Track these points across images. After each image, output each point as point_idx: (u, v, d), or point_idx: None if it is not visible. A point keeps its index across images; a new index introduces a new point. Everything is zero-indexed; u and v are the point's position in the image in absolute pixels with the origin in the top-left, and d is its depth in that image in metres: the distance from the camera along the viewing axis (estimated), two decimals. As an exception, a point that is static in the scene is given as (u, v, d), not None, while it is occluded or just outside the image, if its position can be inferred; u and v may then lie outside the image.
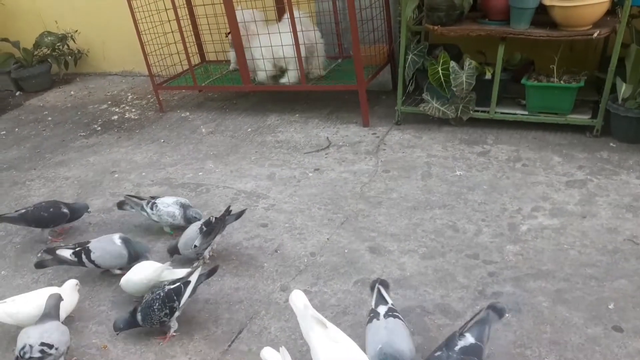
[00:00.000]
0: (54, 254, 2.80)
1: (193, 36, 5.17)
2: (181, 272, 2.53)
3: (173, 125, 4.93)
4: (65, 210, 3.20)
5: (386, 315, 2.04)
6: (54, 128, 5.22)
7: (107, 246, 2.81)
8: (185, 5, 4.98)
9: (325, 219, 3.20)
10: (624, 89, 3.47)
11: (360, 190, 3.46)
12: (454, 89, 3.83)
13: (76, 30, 6.37)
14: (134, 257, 2.80)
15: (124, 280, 2.61)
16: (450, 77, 3.80)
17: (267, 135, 4.45)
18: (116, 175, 4.05)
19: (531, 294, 2.44)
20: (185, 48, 4.76)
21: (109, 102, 5.75)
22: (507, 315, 2.22)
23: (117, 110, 5.50)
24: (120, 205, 3.29)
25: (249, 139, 4.42)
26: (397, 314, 2.07)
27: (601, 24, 3.50)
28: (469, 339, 1.90)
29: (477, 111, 3.98)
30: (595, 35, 3.43)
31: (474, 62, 3.82)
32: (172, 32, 4.80)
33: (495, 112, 3.92)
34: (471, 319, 2.04)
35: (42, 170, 4.30)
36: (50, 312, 2.31)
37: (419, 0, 3.95)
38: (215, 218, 2.84)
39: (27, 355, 2.15)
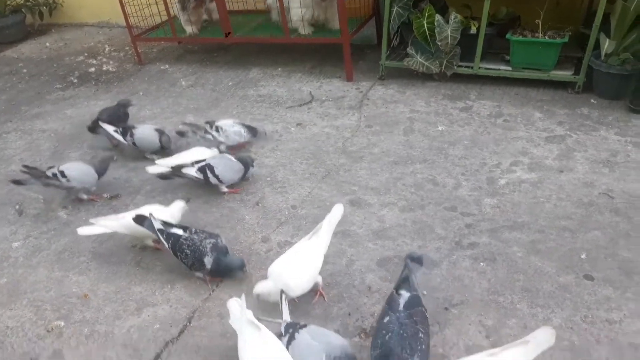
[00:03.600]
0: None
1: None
2: None
3: (152, 78, 4.81)
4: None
5: (292, 335, 1.88)
6: (29, 80, 5.06)
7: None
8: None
9: (307, 173, 3.20)
10: (607, 45, 3.46)
11: (342, 145, 3.45)
12: (439, 43, 3.78)
13: (50, -22, 6.11)
14: None
15: None
16: (435, 31, 3.75)
17: (249, 89, 4.38)
18: (94, 128, 3.97)
19: (506, 245, 2.50)
20: (164, -3, 4.60)
21: (86, 54, 5.57)
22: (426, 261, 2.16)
23: (94, 62, 5.34)
24: (181, 134, 3.39)
25: (230, 93, 4.34)
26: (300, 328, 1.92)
27: (588, -22, 3.46)
28: (405, 294, 1.97)
29: (461, 66, 3.95)
30: (582, -12, 3.39)
31: (460, 16, 3.76)
32: (150, -20, 4.62)
33: (479, 68, 3.90)
34: (400, 278, 2.05)
35: (18, 123, 4.19)
36: None
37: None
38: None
39: None
